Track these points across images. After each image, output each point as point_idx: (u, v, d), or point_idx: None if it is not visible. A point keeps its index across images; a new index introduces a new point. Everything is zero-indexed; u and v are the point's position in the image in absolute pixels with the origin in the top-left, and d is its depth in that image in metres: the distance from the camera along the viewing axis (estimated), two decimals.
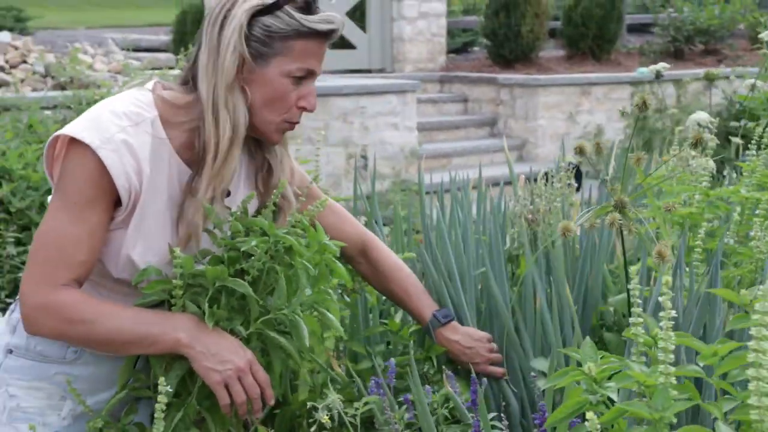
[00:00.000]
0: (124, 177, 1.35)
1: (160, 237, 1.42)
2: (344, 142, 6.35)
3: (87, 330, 1.37)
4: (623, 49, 10.30)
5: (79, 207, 1.35)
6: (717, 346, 0.99)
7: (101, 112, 1.38)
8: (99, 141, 1.33)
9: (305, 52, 1.41)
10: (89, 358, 1.49)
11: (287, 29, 1.39)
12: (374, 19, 8.82)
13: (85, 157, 1.34)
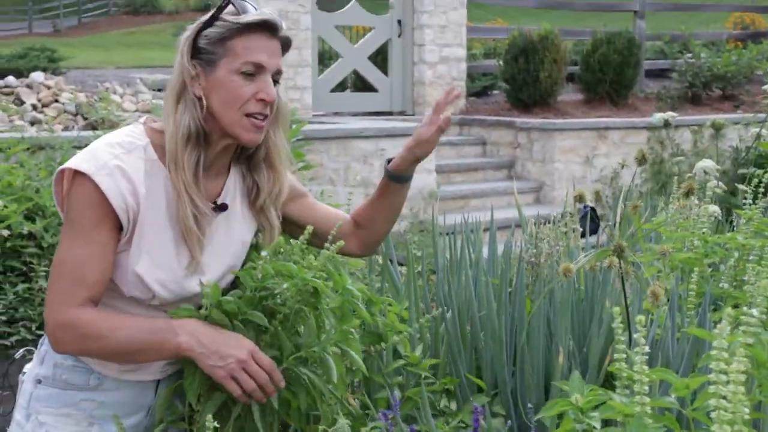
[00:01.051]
0: (120, 198, 1.47)
1: (164, 252, 1.53)
2: (364, 183, 6.49)
3: (103, 344, 1.47)
4: (641, 94, 10.44)
5: (86, 231, 1.47)
6: (689, 380, 1.10)
7: (97, 145, 1.52)
8: (94, 168, 1.46)
9: (247, 48, 1.51)
10: (111, 384, 1.59)
11: (223, 31, 1.51)
12: (396, 63, 9.04)
13: (84, 185, 1.47)
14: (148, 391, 1.63)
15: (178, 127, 1.51)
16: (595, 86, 9.52)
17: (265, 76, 1.53)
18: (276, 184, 1.63)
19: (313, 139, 6.15)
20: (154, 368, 1.61)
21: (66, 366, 1.58)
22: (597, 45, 9.50)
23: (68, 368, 1.57)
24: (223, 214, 1.61)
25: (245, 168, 1.63)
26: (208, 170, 1.57)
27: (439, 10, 9.02)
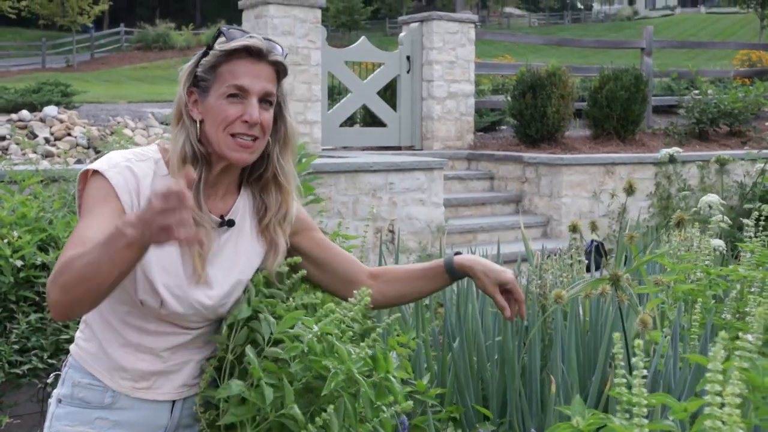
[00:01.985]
0: (126, 194, 1.56)
1: (171, 259, 1.59)
2: (373, 217, 6.54)
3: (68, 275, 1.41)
4: (648, 129, 10.51)
5: (93, 209, 1.55)
6: (687, 403, 1.13)
7: (111, 153, 1.63)
8: (107, 166, 1.57)
9: (232, 73, 1.60)
10: (125, 402, 1.63)
11: (213, 59, 1.61)
12: (404, 99, 9.14)
13: (96, 180, 1.57)
14: (163, 413, 1.66)
15: (176, 147, 1.61)
16: (602, 122, 9.60)
17: (250, 99, 1.59)
18: (283, 205, 1.70)
19: (322, 172, 6.22)
20: (167, 388, 1.65)
21: (83, 384, 1.63)
22: (604, 81, 9.60)
23: (85, 386, 1.63)
24: (233, 232, 1.67)
25: (256, 189, 1.71)
26: (214, 189, 1.66)
27: (447, 47, 9.14)
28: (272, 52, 1.63)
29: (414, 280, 1.78)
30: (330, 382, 1.46)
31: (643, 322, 1.64)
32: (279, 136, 1.69)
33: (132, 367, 1.63)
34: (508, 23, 52.70)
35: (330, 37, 8.81)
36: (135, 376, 1.63)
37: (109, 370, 1.63)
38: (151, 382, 1.64)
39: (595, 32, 41.74)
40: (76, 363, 1.67)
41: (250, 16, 8.22)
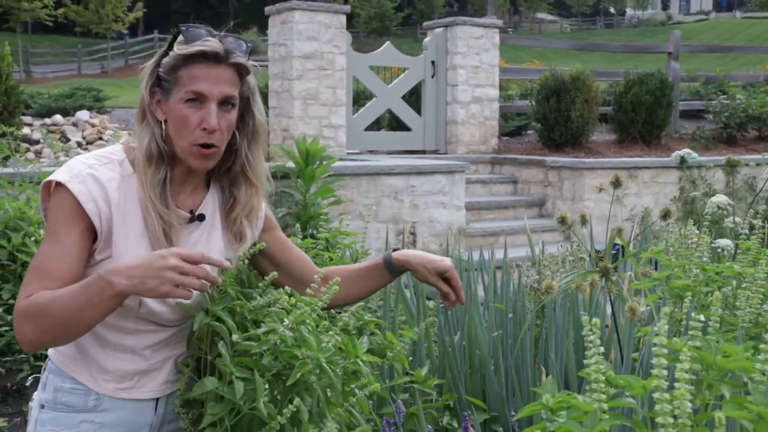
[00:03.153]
0: (92, 202, 1.52)
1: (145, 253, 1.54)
2: (394, 219, 6.62)
3: (48, 320, 1.45)
4: (675, 134, 10.47)
5: (57, 232, 1.52)
6: (645, 381, 1.19)
7: (73, 161, 1.59)
8: (68, 177, 1.53)
9: (191, 77, 1.56)
10: (109, 404, 1.62)
11: (172, 62, 1.57)
12: (429, 103, 9.22)
13: (59, 194, 1.53)
14: (147, 411, 1.66)
15: (141, 146, 1.59)
16: (627, 126, 9.59)
17: (209, 105, 1.56)
18: (252, 198, 1.69)
19: (345, 175, 6.31)
20: (150, 387, 1.65)
21: (65, 389, 1.62)
22: (630, 85, 9.59)
23: (67, 391, 1.62)
24: (204, 228, 1.67)
25: (225, 182, 1.70)
26: (183, 186, 1.65)
27: (472, 52, 9.21)
28: (232, 53, 1.59)
29: (358, 280, 1.80)
30: (296, 372, 1.50)
31: (631, 309, 1.70)
32: (248, 130, 1.67)
33: (114, 367, 1.62)
34: (540, 29, 52.53)
35: (362, 43, 8.97)
36: (117, 377, 1.62)
37: (91, 372, 1.62)
38: (134, 382, 1.63)
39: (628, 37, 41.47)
40: (56, 367, 1.65)
41: (276, 21, 8.36)
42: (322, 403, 1.57)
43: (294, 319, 1.55)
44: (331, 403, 1.60)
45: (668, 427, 1.09)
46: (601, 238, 6.56)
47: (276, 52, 8.39)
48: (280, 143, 8.06)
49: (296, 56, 8.07)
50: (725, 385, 1.18)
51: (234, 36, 1.63)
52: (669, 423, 1.09)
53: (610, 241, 2.01)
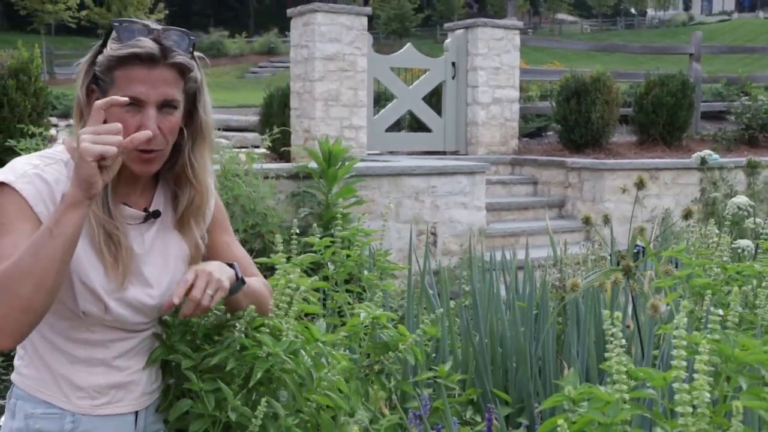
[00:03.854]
0: (41, 204, 1.44)
1: (96, 263, 1.50)
2: (415, 219, 6.67)
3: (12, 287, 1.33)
4: (696, 135, 10.44)
5: (7, 225, 1.42)
6: (665, 373, 1.24)
7: (15, 162, 1.50)
8: (14, 177, 1.45)
9: (128, 79, 1.46)
10: (87, 423, 1.54)
11: (106, 62, 1.48)
12: (449, 104, 9.26)
13: (5, 194, 1.44)
14: (127, 426, 1.60)
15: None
16: (648, 127, 9.58)
17: (147, 110, 1.47)
18: (196, 197, 1.61)
19: (366, 175, 6.37)
20: (127, 400, 1.59)
21: (37, 415, 1.53)
22: (650, 87, 9.59)
23: (40, 417, 1.52)
24: (159, 226, 1.61)
25: (170, 180, 1.63)
26: (132, 186, 1.58)
27: (492, 53, 9.24)
28: (171, 52, 1.48)
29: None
30: (257, 371, 1.54)
31: (653, 306, 1.73)
32: (194, 128, 1.59)
33: (87, 383, 1.53)
34: (560, 30, 52.35)
35: (381, 44, 9.02)
36: (92, 393, 1.54)
37: (64, 392, 1.53)
38: (110, 397, 1.56)
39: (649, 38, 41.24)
40: (23, 393, 1.55)
41: (299, 23, 8.44)
42: (296, 393, 1.60)
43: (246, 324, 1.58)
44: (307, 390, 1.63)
45: (687, 416, 1.14)
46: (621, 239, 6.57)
47: (298, 54, 8.47)
48: (302, 144, 8.14)
49: (318, 58, 8.15)
50: (743, 377, 1.22)
51: (177, 30, 1.53)
52: (688, 413, 1.14)
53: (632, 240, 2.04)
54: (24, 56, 6.37)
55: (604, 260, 2.68)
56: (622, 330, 2.20)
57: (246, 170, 5.27)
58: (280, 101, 8.94)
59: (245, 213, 5.16)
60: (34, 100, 6.31)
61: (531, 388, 2.13)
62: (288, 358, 1.59)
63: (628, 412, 1.20)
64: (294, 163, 6.33)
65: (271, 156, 8.31)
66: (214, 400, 1.57)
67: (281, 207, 5.73)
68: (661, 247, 1.99)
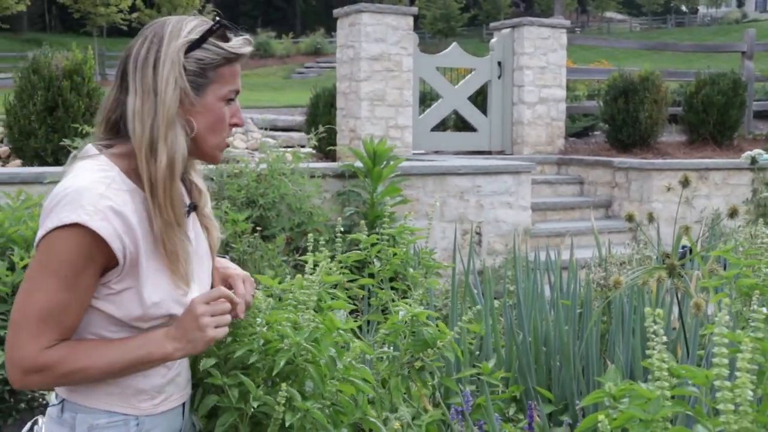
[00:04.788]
0: (118, 241, 1.40)
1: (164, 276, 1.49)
2: (460, 219, 6.68)
3: (83, 376, 1.44)
4: (749, 135, 10.25)
5: (70, 277, 1.39)
6: (708, 371, 1.24)
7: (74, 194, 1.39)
8: (87, 216, 1.37)
9: (233, 75, 1.52)
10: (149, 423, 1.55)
11: (217, 58, 1.48)
12: (495, 104, 9.24)
13: (77, 234, 1.37)
14: (177, 418, 1.63)
15: (175, 152, 1.44)
16: (698, 127, 9.44)
17: (236, 102, 1.55)
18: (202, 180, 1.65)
19: (411, 175, 6.39)
20: (177, 393, 1.61)
21: (101, 426, 1.52)
22: (700, 86, 9.44)
23: (105, 426, 1.52)
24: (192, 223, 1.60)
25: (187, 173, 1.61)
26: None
27: (538, 52, 9.19)
28: None
29: None
30: (279, 362, 1.58)
31: (696, 305, 1.73)
32: None
33: (149, 386, 1.55)
34: (608, 28, 51.72)
35: (427, 44, 9.04)
36: (152, 394, 1.55)
37: (128, 399, 1.53)
38: (166, 394, 1.58)
39: (700, 36, 40.51)
40: (82, 406, 1.52)
41: (345, 24, 8.50)
42: (318, 381, 1.62)
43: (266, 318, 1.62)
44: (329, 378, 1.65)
45: (729, 414, 1.14)
46: (668, 240, 6.48)
47: (344, 54, 8.53)
48: (348, 144, 8.19)
49: (364, 58, 8.19)
50: None
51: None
52: (730, 410, 1.14)
53: (677, 238, 2.03)
54: (78, 58, 6.53)
55: (650, 260, 2.66)
56: (665, 328, 2.19)
57: (292, 169, 5.33)
58: (326, 101, 9.01)
59: (291, 211, 5.22)
60: (87, 100, 6.47)
61: (574, 386, 2.13)
62: (310, 346, 1.62)
63: (669, 409, 1.20)
64: (339, 163, 6.38)
65: (317, 155, 8.38)
66: (239, 393, 1.61)
67: (327, 206, 5.78)
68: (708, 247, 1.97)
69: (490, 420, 1.78)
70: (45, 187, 4.96)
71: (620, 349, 2.00)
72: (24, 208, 4.04)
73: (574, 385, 2.13)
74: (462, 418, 1.84)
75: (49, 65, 6.41)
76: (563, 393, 2.25)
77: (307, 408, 1.61)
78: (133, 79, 1.45)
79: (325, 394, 1.66)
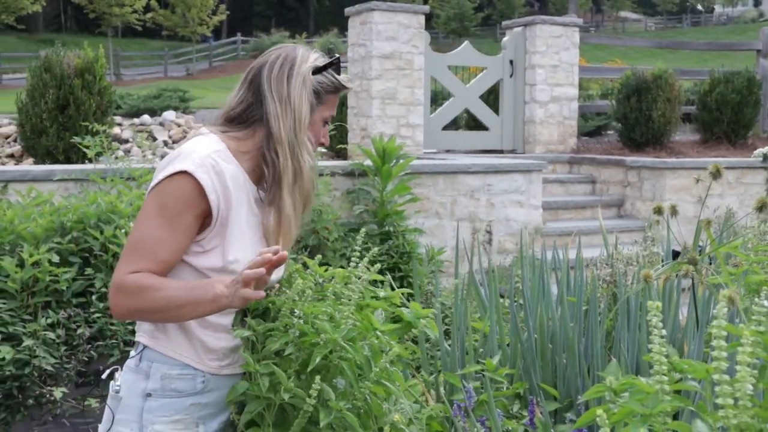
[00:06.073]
0: (214, 194, 1.64)
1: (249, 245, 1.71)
2: (470, 217, 6.65)
3: (147, 303, 1.60)
4: (763, 134, 10.16)
5: (172, 216, 1.62)
6: (708, 365, 1.22)
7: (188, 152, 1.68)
8: (194, 166, 1.64)
9: (335, 102, 1.81)
10: (214, 383, 1.72)
11: (331, 86, 1.79)
12: (507, 103, 9.20)
13: (183, 180, 1.63)
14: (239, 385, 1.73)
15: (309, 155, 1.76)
16: (711, 126, 9.37)
17: (327, 126, 1.82)
18: None
19: (421, 173, 6.38)
20: (241, 361, 1.71)
21: (173, 375, 1.69)
22: (714, 84, 9.37)
23: (176, 377, 1.69)
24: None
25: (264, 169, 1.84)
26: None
27: (551, 51, 9.15)
28: None
29: None
30: (315, 356, 1.60)
31: (729, 298, 1.69)
32: None
33: (216, 346, 1.70)
34: (623, 28, 51.49)
35: (441, 44, 9.05)
36: (220, 355, 1.71)
37: (198, 354, 1.70)
38: (231, 359, 1.72)
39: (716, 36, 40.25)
40: (160, 355, 1.71)
41: (356, 22, 8.49)
42: (353, 381, 1.63)
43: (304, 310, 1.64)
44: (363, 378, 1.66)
45: (728, 408, 1.12)
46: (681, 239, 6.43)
47: (355, 53, 8.52)
48: (359, 142, 8.18)
49: (375, 56, 8.18)
50: None
51: None
52: (729, 405, 1.12)
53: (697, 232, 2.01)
54: (89, 56, 6.56)
55: (658, 257, 2.63)
56: (672, 325, 2.17)
57: None
58: (339, 102, 9.00)
59: None
60: (98, 98, 6.49)
61: (579, 382, 2.11)
62: (346, 345, 1.63)
63: (669, 404, 1.18)
64: (349, 161, 6.38)
65: (328, 154, 8.37)
66: (269, 383, 1.63)
67: (336, 204, 5.77)
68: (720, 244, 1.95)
69: (493, 416, 1.76)
70: (55, 184, 4.98)
71: (625, 346, 1.98)
72: (34, 205, 4.07)
73: (579, 381, 2.12)
74: (465, 414, 1.82)
75: (61, 64, 6.44)
76: (568, 390, 2.23)
77: (341, 408, 1.62)
78: (269, 88, 1.73)
79: (358, 394, 1.66)
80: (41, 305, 3.65)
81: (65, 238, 3.84)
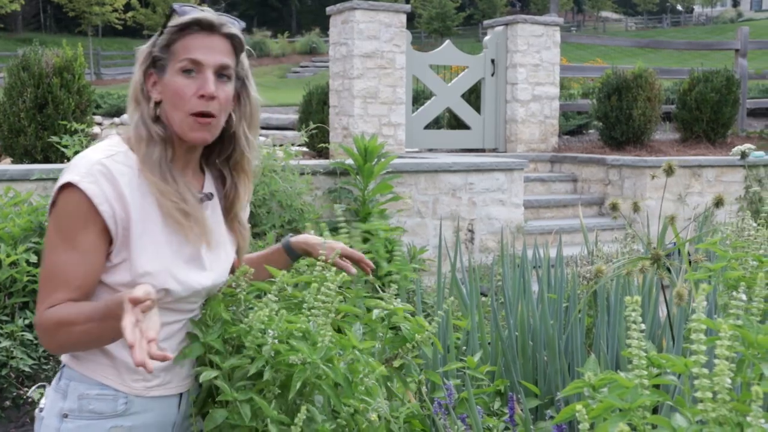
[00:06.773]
0: (106, 204, 1.48)
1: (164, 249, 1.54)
2: (452, 216, 6.66)
3: (67, 333, 1.45)
4: (742, 133, 10.25)
5: (72, 237, 1.47)
6: (687, 360, 1.22)
7: (77, 160, 1.53)
8: (78, 177, 1.48)
9: (185, 47, 1.55)
10: (139, 405, 1.58)
11: (167, 37, 1.57)
12: (488, 102, 9.22)
13: (70, 194, 1.48)
14: (172, 408, 1.63)
15: (131, 129, 1.57)
16: (691, 125, 9.43)
17: (205, 73, 1.55)
18: (248, 188, 1.70)
19: (403, 172, 6.37)
20: (175, 382, 1.62)
21: (92, 396, 1.56)
22: (694, 83, 9.43)
23: (94, 398, 1.56)
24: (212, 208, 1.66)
25: (226, 170, 1.68)
26: (184, 170, 1.62)
27: (532, 50, 9.17)
28: (225, 24, 1.58)
29: (263, 265, 1.82)
30: (294, 384, 1.51)
31: (678, 295, 1.71)
32: (244, 111, 1.65)
33: None
34: (604, 27, 51.75)
35: (423, 43, 9.07)
36: (146, 375, 1.56)
37: (120, 374, 1.56)
38: (161, 379, 1.59)
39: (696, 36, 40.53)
40: (77, 374, 1.58)
41: (337, 21, 8.47)
42: (333, 399, 1.58)
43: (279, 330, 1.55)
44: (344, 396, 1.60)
45: (707, 402, 1.12)
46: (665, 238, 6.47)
47: (337, 52, 8.51)
48: (340, 141, 8.17)
49: (357, 55, 8.17)
50: (765, 364, 1.20)
51: (229, 15, 1.63)
52: (708, 398, 1.12)
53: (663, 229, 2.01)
54: (68, 55, 6.50)
55: (638, 254, 2.64)
56: (653, 320, 2.18)
57: (283, 166, 5.31)
58: (319, 99, 8.99)
59: (282, 208, 5.20)
60: (77, 97, 6.43)
61: (559, 379, 2.11)
62: (325, 367, 1.56)
63: (648, 398, 1.18)
64: (331, 160, 6.36)
65: (310, 153, 8.35)
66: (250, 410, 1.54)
67: (318, 203, 5.76)
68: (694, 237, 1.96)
69: (473, 413, 1.76)
70: (33, 184, 4.93)
71: (604, 341, 1.98)
72: (11, 204, 4.03)
73: (559, 378, 2.12)
74: (446, 412, 1.82)
75: (39, 62, 6.37)
76: (549, 387, 2.23)
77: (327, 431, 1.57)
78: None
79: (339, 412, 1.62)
80: (18, 306, 3.61)
81: (43, 237, 3.80)
